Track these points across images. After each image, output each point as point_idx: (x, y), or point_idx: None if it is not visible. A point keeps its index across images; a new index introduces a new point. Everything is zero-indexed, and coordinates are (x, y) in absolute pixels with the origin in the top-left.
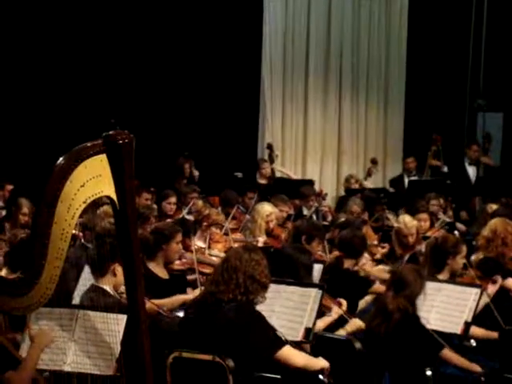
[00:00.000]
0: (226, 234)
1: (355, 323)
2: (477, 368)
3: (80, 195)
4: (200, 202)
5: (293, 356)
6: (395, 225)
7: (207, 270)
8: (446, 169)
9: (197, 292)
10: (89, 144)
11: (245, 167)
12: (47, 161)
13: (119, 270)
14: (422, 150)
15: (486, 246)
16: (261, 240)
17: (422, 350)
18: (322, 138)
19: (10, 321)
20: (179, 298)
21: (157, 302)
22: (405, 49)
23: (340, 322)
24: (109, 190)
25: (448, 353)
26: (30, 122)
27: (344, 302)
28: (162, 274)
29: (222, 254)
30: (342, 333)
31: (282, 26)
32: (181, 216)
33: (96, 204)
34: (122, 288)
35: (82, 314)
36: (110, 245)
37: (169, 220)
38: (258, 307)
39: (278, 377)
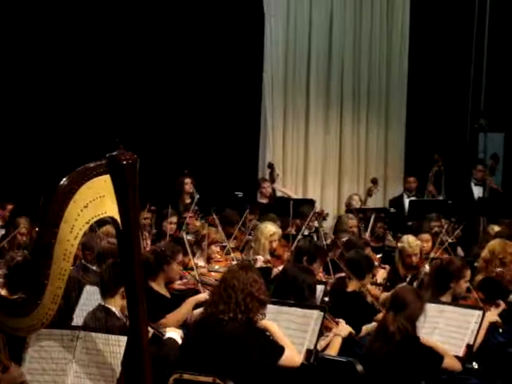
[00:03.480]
0: (228, 253)
1: (344, 329)
2: None
3: (83, 216)
4: (198, 223)
5: (293, 357)
6: (399, 245)
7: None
8: (441, 197)
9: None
10: (92, 164)
11: (245, 186)
12: (50, 181)
13: None
14: (423, 169)
15: (485, 267)
16: (260, 259)
17: (423, 369)
18: (322, 158)
19: (9, 340)
20: (191, 299)
21: (170, 315)
22: (406, 67)
23: (345, 342)
24: (112, 210)
25: (449, 361)
26: (34, 142)
27: (343, 322)
28: (165, 293)
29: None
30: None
31: (283, 45)
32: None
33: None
34: None
35: (82, 335)
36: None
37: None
38: None
39: None
